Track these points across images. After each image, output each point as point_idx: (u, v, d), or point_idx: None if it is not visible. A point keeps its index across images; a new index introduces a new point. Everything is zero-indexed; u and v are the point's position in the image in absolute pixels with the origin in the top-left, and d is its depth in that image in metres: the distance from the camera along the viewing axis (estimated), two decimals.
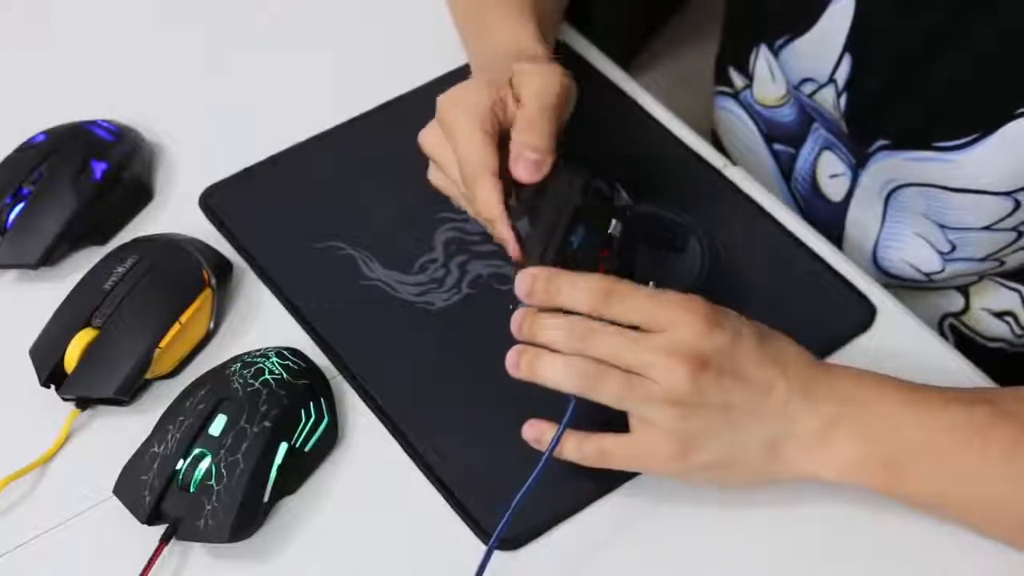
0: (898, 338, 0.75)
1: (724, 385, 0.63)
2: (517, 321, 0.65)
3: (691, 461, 0.64)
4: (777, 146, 0.91)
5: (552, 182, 0.68)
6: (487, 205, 0.68)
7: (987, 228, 0.79)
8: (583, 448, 0.65)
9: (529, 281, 0.64)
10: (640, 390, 0.62)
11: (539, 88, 0.70)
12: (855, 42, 0.78)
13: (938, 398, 0.65)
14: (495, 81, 0.71)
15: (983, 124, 0.74)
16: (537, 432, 0.65)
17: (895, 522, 0.67)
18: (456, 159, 0.69)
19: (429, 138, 0.72)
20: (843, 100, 0.80)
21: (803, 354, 0.66)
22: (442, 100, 0.71)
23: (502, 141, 0.69)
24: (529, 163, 0.67)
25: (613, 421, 0.64)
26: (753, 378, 0.63)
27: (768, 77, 0.88)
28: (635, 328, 0.63)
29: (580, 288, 0.63)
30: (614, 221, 0.69)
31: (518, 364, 0.64)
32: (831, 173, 0.87)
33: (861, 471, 0.65)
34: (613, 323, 0.63)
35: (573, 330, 0.63)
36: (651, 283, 0.65)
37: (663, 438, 0.63)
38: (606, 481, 0.69)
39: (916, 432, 0.64)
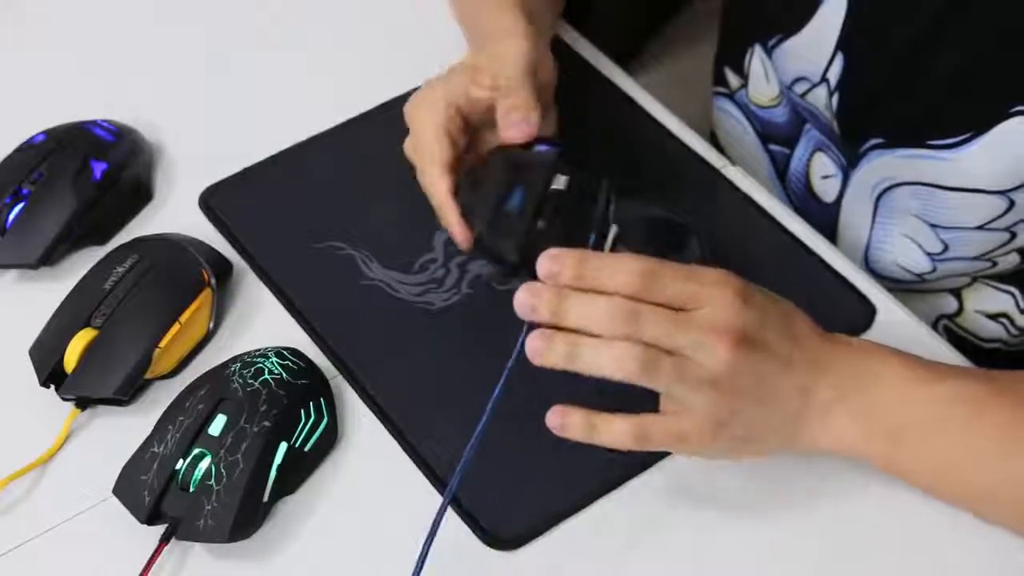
0: (897, 338, 0.75)
1: (756, 359, 0.62)
2: (528, 302, 0.60)
3: (721, 438, 0.63)
4: (772, 146, 0.91)
5: (497, 167, 0.70)
6: (432, 190, 0.70)
7: (980, 228, 0.79)
8: (614, 429, 0.61)
9: (554, 266, 0.60)
10: (689, 374, 0.60)
11: (510, 60, 0.72)
12: (848, 41, 0.78)
13: (939, 372, 0.66)
14: (455, 74, 0.73)
15: (978, 122, 0.74)
16: (560, 417, 0.62)
17: (896, 522, 0.67)
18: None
19: (405, 144, 0.74)
20: (835, 99, 0.80)
21: (813, 327, 0.66)
22: (406, 105, 0.74)
23: (473, 137, 0.72)
24: (514, 122, 0.70)
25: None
26: (779, 353, 0.63)
27: (762, 77, 0.88)
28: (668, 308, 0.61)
29: (620, 270, 0.60)
30: (558, 176, 0.67)
31: (549, 351, 0.60)
32: (823, 174, 0.87)
33: (865, 444, 0.65)
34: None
35: (618, 312, 0.59)
36: (591, 236, 0.65)
37: (701, 418, 0.62)
38: (606, 481, 0.69)
39: (917, 405, 0.65)
